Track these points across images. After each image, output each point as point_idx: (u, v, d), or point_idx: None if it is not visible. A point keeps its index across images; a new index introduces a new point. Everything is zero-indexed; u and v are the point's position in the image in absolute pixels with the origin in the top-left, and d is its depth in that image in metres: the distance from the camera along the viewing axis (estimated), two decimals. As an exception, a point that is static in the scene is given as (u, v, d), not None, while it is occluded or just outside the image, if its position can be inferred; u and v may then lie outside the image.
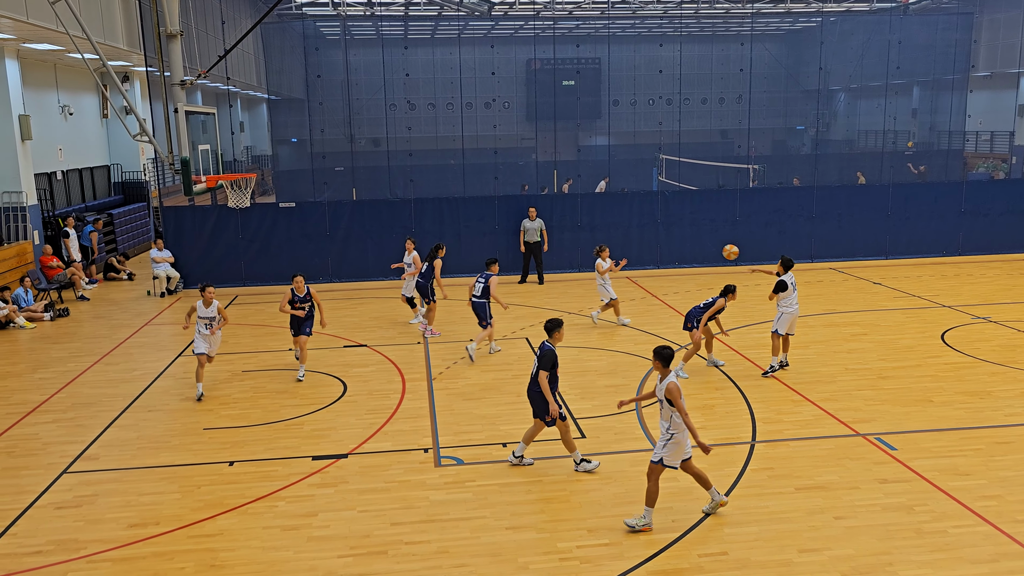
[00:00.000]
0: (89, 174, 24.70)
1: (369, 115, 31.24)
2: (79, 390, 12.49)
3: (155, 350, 14.67)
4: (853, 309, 16.53)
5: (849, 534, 7.75)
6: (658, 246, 20.94)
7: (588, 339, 14.57)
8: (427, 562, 7.43)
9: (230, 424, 10.87)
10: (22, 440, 10.53)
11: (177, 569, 7.39)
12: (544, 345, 9.06)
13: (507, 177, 26.96)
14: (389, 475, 9.18)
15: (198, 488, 8.97)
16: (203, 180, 14.14)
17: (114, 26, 19.67)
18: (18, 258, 18.17)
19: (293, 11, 30.46)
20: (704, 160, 30.06)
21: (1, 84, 18.14)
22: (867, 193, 22.15)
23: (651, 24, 36.94)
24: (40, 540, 7.93)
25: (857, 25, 32.29)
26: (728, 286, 12.38)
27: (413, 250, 15.71)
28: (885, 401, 11.23)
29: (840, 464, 9.24)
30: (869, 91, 33.26)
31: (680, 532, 7.81)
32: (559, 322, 9.14)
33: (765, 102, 34.04)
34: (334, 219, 20.09)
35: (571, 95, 32.29)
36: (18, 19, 14.76)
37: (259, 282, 19.85)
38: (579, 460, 9.18)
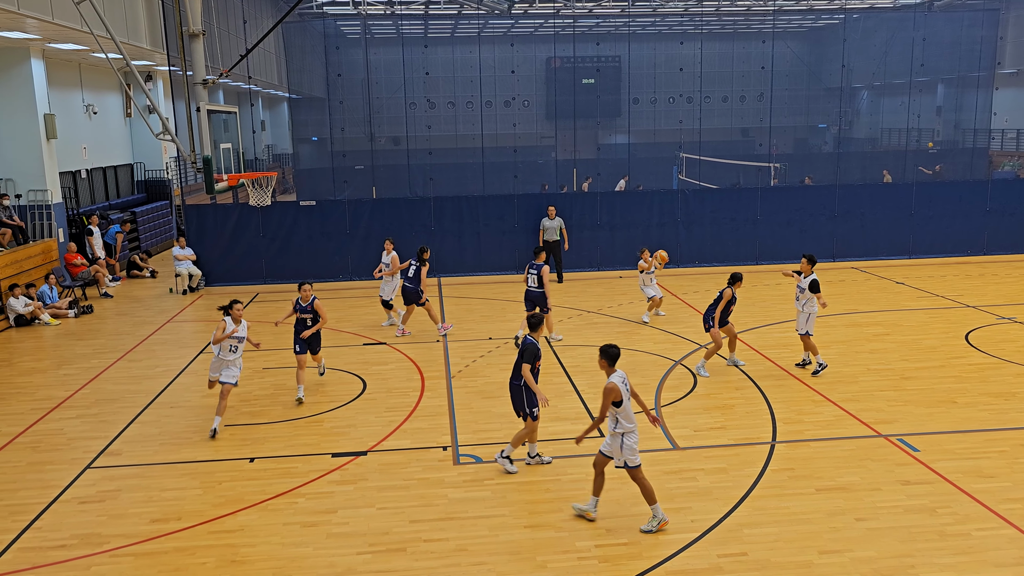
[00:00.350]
0: (113, 172, 24.96)
1: (389, 114, 31.38)
2: (102, 386, 12.63)
3: (177, 347, 14.81)
4: (875, 309, 16.38)
5: (871, 536, 7.69)
6: (678, 245, 20.85)
7: (608, 338, 14.53)
8: (445, 560, 7.45)
9: (250, 421, 10.95)
10: (47, 435, 10.66)
11: (198, 564, 7.46)
12: (527, 339, 9.10)
13: (526, 176, 26.95)
14: (408, 473, 9.21)
15: (219, 484, 9.04)
16: (225, 178, 14.25)
17: (138, 26, 19.87)
18: (43, 256, 18.40)
19: (314, 10, 30.63)
20: (724, 159, 29.89)
21: (27, 84, 18.37)
22: (890, 192, 21.94)
23: (672, 22, 36.81)
24: (64, 534, 8.03)
25: (880, 22, 31.99)
26: (734, 274, 12.39)
27: (392, 251, 15.40)
28: (908, 402, 11.12)
29: (862, 465, 9.16)
30: (892, 88, 32.93)
31: (699, 532, 7.78)
32: (541, 318, 9.30)
33: (787, 100, 33.82)
34: (354, 217, 20.18)
35: (591, 93, 32.25)
36: (43, 19, 14.94)
37: (279, 280, 19.97)
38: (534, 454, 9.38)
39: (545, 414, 10.86)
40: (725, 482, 8.79)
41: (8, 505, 8.66)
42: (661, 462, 9.33)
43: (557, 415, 10.88)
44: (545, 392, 11.71)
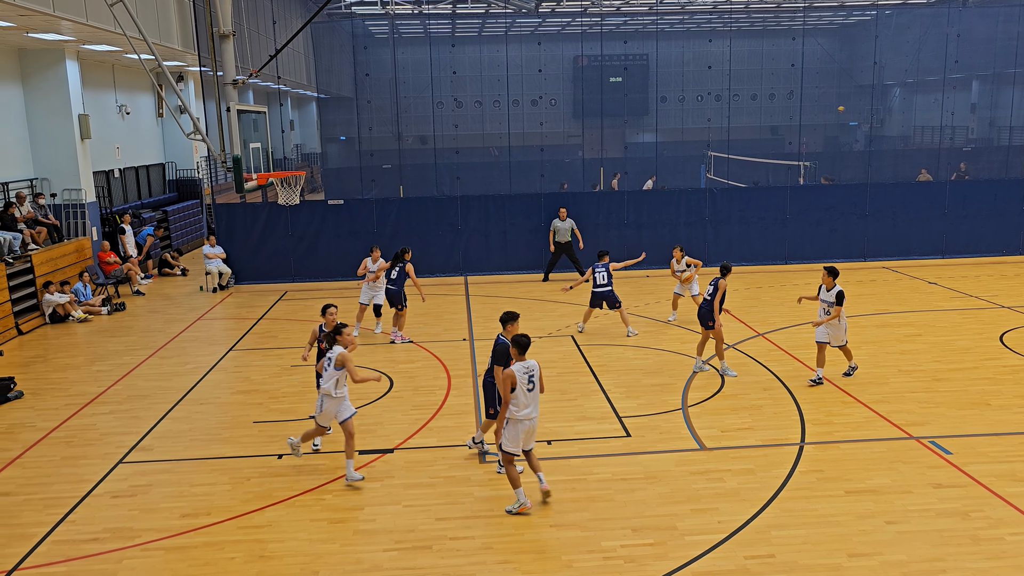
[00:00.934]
0: (145, 172, 25.32)
1: (416, 113, 31.47)
2: (134, 382, 12.82)
3: (207, 344, 14.99)
4: (907, 309, 16.15)
5: (901, 539, 7.58)
6: (705, 244, 20.70)
7: (635, 339, 14.47)
8: (471, 558, 7.46)
9: (279, 418, 11.05)
10: (80, 430, 10.84)
11: (227, 559, 7.55)
12: (498, 339, 9.06)
13: (553, 175, 26.90)
14: (434, 471, 9.24)
15: (248, 480, 9.14)
16: (254, 178, 14.38)
17: (169, 27, 20.13)
18: (77, 254, 18.71)
19: (342, 10, 30.81)
20: (753, 157, 29.62)
21: (62, 85, 18.68)
22: (923, 190, 21.62)
23: (700, 19, 36.55)
24: (96, 528, 8.16)
25: (913, 18, 31.51)
26: (724, 266, 12.34)
27: (379, 258, 14.93)
28: (940, 404, 10.95)
29: (892, 468, 9.04)
30: (926, 86, 32.41)
31: (726, 534, 7.73)
32: (515, 315, 9.06)
33: (817, 98, 33.37)
34: (381, 216, 20.29)
35: (618, 92, 32.10)
36: (78, 21, 15.18)
37: (308, 278, 20.15)
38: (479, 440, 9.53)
39: (571, 413, 10.86)
40: (753, 483, 8.72)
41: (43, 499, 8.82)
42: (688, 463, 9.28)
43: (583, 414, 10.86)
44: (572, 391, 11.72)
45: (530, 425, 8.18)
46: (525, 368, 8.11)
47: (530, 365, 8.16)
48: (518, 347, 8.18)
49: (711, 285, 12.27)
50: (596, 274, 14.58)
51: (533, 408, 8.15)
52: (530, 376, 8.12)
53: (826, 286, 11.67)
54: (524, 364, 8.13)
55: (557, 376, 12.41)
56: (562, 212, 19.41)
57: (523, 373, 8.07)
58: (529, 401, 8.11)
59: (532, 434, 8.28)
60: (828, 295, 11.63)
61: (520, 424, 8.11)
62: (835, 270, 11.66)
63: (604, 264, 14.67)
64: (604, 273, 14.58)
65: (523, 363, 8.14)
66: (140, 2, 17.47)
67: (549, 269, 19.74)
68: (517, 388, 8.04)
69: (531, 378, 8.12)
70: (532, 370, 8.15)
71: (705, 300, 12.26)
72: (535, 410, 8.17)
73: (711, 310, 12.07)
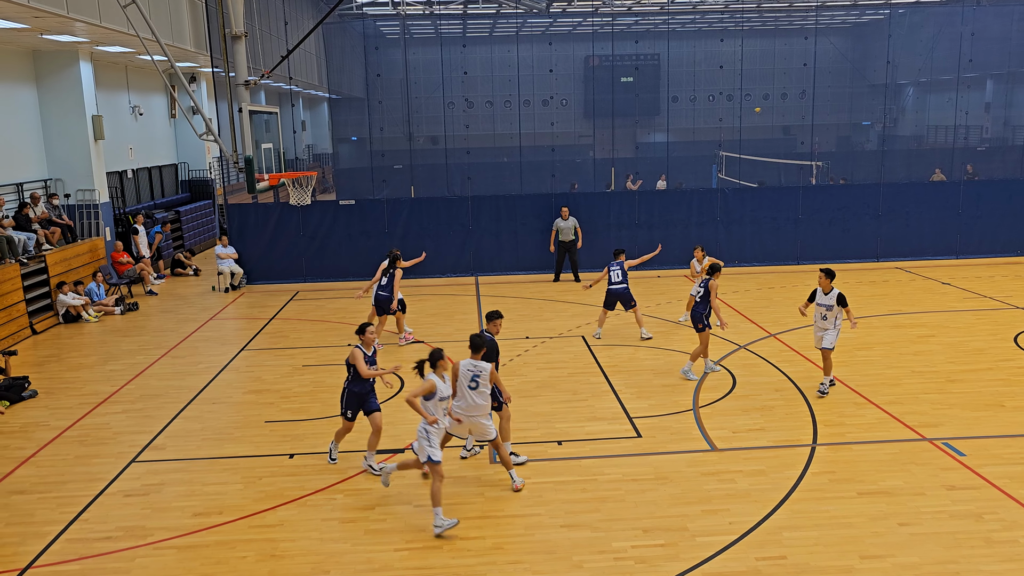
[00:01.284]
0: (158, 172, 25.46)
1: (428, 113, 31.52)
2: (147, 382, 12.89)
3: (219, 344, 15.05)
4: (920, 310, 16.05)
5: (914, 541, 7.54)
6: (717, 244, 20.65)
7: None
8: (482, 558, 7.47)
9: (291, 418, 11.09)
10: (94, 429, 10.91)
11: (239, 558, 7.58)
12: (485, 334, 9.32)
13: (564, 175, 26.88)
14: (445, 470, 9.23)
15: (259, 479, 9.17)
16: (266, 178, 14.43)
17: (182, 28, 20.23)
18: (91, 254, 18.82)
19: (354, 11, 30.88)
20: (765, 157, 29.51)
21: (76, 86, 18.81)
22: (937, 190, 21.49)
23: (712, 19, 36.45)
24: (110, 526, 8.21)
25: (927, 17, 31.31)
26: (713, 265, 12.27)
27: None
28: (953, 405, 10.88)
29: (905, 469, 8.98)
30: (939, 85, 32.22)
31: (737, 535, 7.70)
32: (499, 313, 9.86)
33: (829, 97, 33.22)
34: (393, 216, 20.33)
35: (629, 92, 32.07)
36: (92, 23, 15.28)
37: (319, 278, 20.21)
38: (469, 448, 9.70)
39: (582, 414, 10.84)
40: (764, 484, 8.69)
41: (56, 497, 8.89)
42: (699, 463, 9.26)
43: (594, 415, 10.85)
44: (583, 391, 11.71)
45: (467, 421, 8.60)
46: (472, 366, 8.52)
47: (480, 366, 8.55)
48: (471, 346, 8.61)
49: (700, 286, 12.19)
50: (611, 272, 14.49)
51: (472, 407, 8.54)
52: (474, 376, 8.50)
53: (823, 289, 11.14)
54: (473, 363, 8.56)
55: (568, 376, 12.40)
56: (564, 211, 19.39)
57: (467, 370, 8.51)
58: (468, 399, 8.52)
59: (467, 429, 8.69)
60: (827, 299, 11.10)
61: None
62: (831, 272, 11.17)
63: (619, 262, 14.57)
64: (619, 271, 14.46)
65: (472, 361, 8.57)
66: (153, 3, 17.57)
67: (559, 269, 19.72)
68: (458, 382, 8.51)
69: (475, 378, 8.50)
70: (480, 372, 8.51)
71: (696, 303, 12.16)
72: (475, 411, 8.55)
73: (703, 312, 12.01)
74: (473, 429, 8.75)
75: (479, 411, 8.60)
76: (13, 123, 17.95)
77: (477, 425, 8.68)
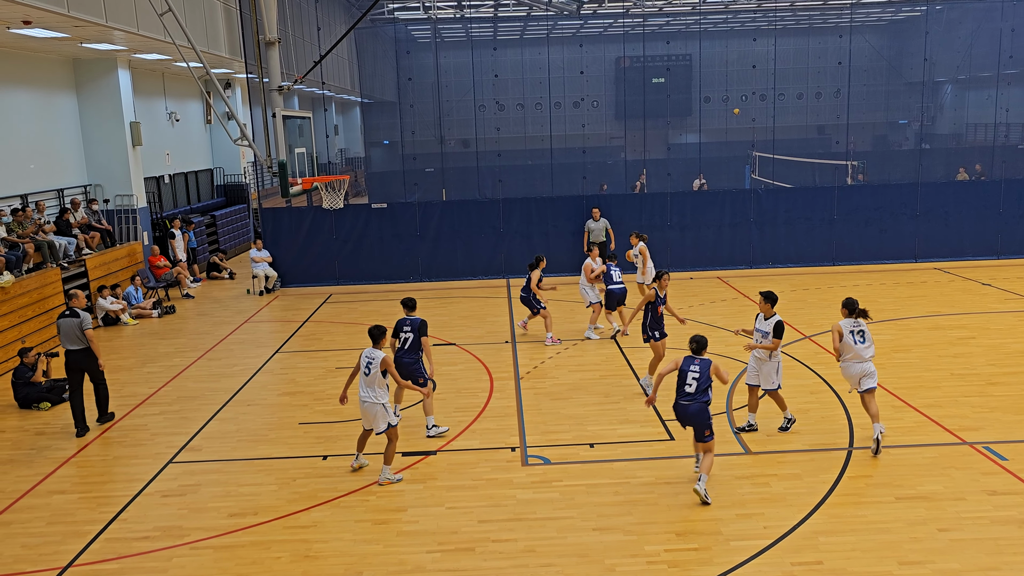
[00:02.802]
0: (194, 177, 25.83)
1: (459, 116, 31.57)
2: (184, 384, 13.08)
3: (254, 347, 15.23)
4: (960, 311, 15.74)
5: (954, 547, 7.39)
6: (751, 245, 20.46)
7: (679, 342, 14.33)
8: (514, 560, 7.46)
9: (324, 419, 11.18)
10: (132, 431, 11.09)
11: (273, 558, 7.65)
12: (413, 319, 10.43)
13: (595, 176, 26.78)
14: (477, 473, 9.27)
15: (293, 481, 9.26)
16: (299, 182, 14.58)
17: (217, 35, 20.52)
18: (129, 258, 19.15)
19: (385, 16, 31.10)
20: (799, 157, 29.16)
21: (115, 93, 19.17)
22: (977, 189, 21.08)
23: (744, 18, 36.13)
24: (147, 526, 8.34)
25: (965, 13, 30.70)
26: (658, 272, 11.75)
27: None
28: (994, 408, 10.65)
29: (945, 473, 8.81)
30: (978, 82, 31.58)
31: (772, 539, 7.61)
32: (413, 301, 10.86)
33: (865, 96, 32.77)
34: (424, 219, 20.43)
35: (661, 93, 31.85)
36: (130, 31, 15.57)
37: (352, 281, 20.36)
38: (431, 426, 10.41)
39: (614, 416, 10.79)
40: (799, 488, 8.58)
41: (96, 497, 9.05)
42: (733, 467, 9.17)
43: (626, 417, 10.79)
44: (615, 394, 11.65)
45: (360, 406, 9.06)
46: (368, 355, 8.93)
47: (372, 355, 8.93)
48: (372, 338, 9.05)
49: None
50: (612, 271, 14.50)
51: (364, 391, 8.95)
52: (368, 363, 8.90)
53: (764, 314, 9.75)
54: (369, 352, 8.97)
55: (600, 379, 12.36)
56: (595, 212, 19.32)
57: (364, 358, 8.94)
58: (362, 384, 8.98)
59: (364, 416, 9.09)
60: (766, 324, 9.72)
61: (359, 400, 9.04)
62: (772, 296, 9.75)
63: (614, 264, 14.71)
64: (619, 271, 14.58)
65: (369, 350, 8.98)
66: (189, 11, 17.84)
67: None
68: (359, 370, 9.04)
69: (368, 365, 8.90)
70: (372, 360, 8.90)
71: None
72: (366, 395, 8.93)
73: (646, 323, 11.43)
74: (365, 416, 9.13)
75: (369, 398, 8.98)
76: (54, 130, 18.34)
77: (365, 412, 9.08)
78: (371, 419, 9.03)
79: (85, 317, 10.78)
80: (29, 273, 15.25)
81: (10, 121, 16.67)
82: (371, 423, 9.07)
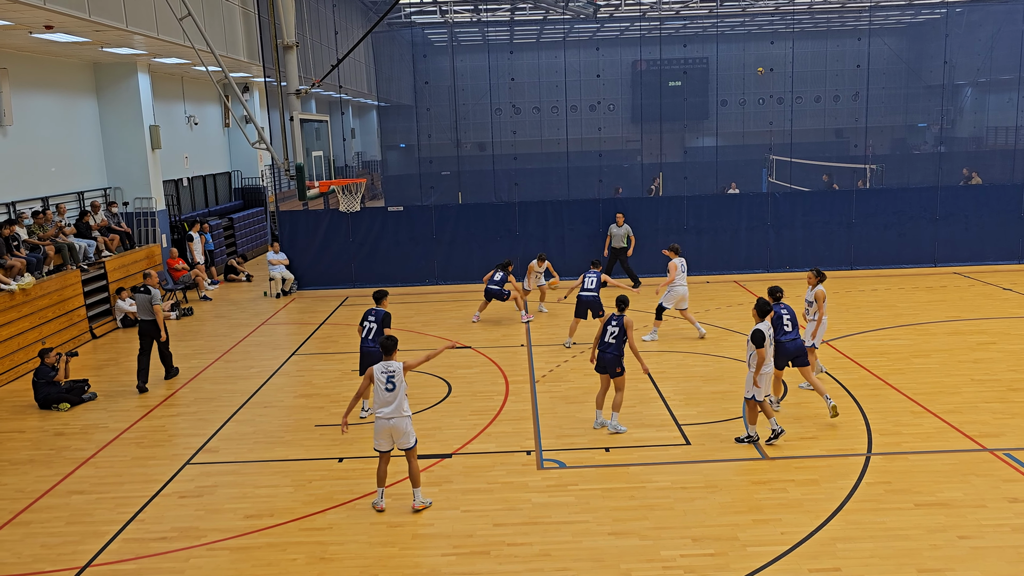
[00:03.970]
0: (212, 180, 26.02)
1: (475, 120, 31.64)
2: (201, 385, 13.16)
3: (271, 349, 15.30)
4: (980, 316, 15.58)
5: (975, 555, 7.30)
6: (767, 249, 20.34)
7: (694, 345, 14.29)
8: (529, 564, 7.45)
9: (340, 422, 11.18)
10: (150, 432, 11.17)
11: (289, 560, 7.67)
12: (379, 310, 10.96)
13: (611, 180, 26.76)
14: (492, 476, 9.26)
15: (309, 483, 9.29)
16: (316, 185, 14.65)
17: (235, 39, 20.67)
18: (148, 260, 19.31)
19: (402, 20, 31.21)
20: (817, 160, 29.00)
21: (134, 97, 19.35)
22: (998, 193, 20.86)
23: (762, 21, 35.97)
24: (165, 527, 8.39)
25: (986, 15, 30.44)
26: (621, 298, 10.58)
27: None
28: (1016, 414, 10.53)
29: (965, 480, 8.72)
30: (999, 85, 31.28)
31: (789, 545, 7.55)
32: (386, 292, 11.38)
33: (883, 99, 32.52)
34: (440, 222, 20.47)
35: (677, 96, 31.74)
36: (149, 35, 15.71)
37: (368, 283, 20.40)
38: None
39: (630, 420, 10.75)
40: (817, 494, 8.51)
41: (114, 498, 9.11)
42: (749, 472, 9.11)
43: (642, 421, 10.75)
44: (631, 397, 11.60)
45: (385, 425, 8.28)
46: (384, 369, 8.32)
47: (391, 367, 8.34)
48: (383, 348, 8.50)
49: (614, 324, 10.17)
50: (586, 279, 14.35)
51: (391, 409, 8.26)
52: (388, 377, 8.28)
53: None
54: (384, 365, 8.36)
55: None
56: (619, 218, 19.27)
57: (381, 373, 8.31)
58: (386, 401, 8.27)
59: (389, 435, 8.33)
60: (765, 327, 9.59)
61: (376, 423, 8.35)
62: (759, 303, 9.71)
63: (596, 272, 14.49)
64: (594, 279, 14.31)
65: (383, 364, 8.38)
66: (208, 16, 17.99)
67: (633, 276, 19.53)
68: (374, 386, 8.34)
69: (390, 379, 8.28)
70: (394, 372, 8.31)
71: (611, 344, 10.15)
72: (393, 411, 8.26)
73: (619, 355, 10.14)
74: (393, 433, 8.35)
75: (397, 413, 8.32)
76: (75, 134, 18.52)
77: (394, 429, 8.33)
78: (400, 435, 8.29)
79: (155, 294, 12.81)
80: (50, 275, 15.41)
81: (32, 125, 16.85)
82: (397, 440, 8.30)
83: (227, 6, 19.84)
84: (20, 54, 16.47)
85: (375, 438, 8.42)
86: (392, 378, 8.29)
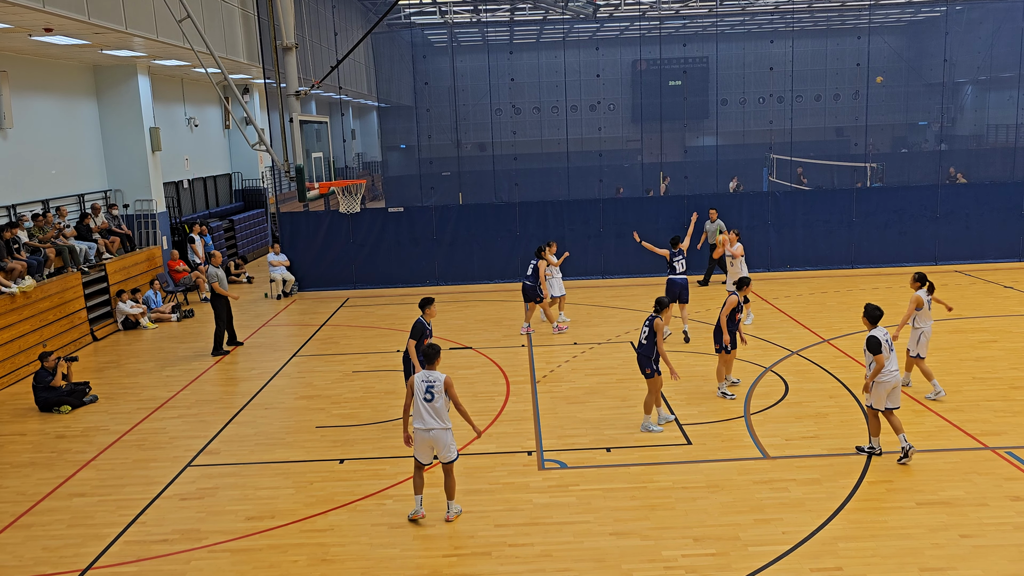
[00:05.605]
0: (212, 182, 26.02)
1: (475, 120, 31.64)
2: (202, 387, 13.16)
3: (271, 350, 15.30)
4: (981, 315, 15.57)
5: (977, 554, 7.29)
6: (768, 248, 20.33)
7: (696, 344, 14.28)
8: (530, 565, 7.44)
9: (341, 423, 11.21)
10: (151, 434, 11.17)
11: (291, 562, 7.67)
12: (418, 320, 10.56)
13: (611, 179, 26.75)
14: (493, 477, 9.25)
15: (310, 484, 9.28)
16: (316, 187, 14.65)
17: (235, 41, 20.67)
18: (148, 262, 19.31)
19: (402, 21, 31.22)
20: (818, 159, 28.99)
21: (134, 99, 19.35)
22: (998, 191, 20.83)
23: (761, 20, 35.98)
24: (166, 529, 8.39)
25: (986, 13, 30.44)
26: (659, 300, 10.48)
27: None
28: (1017, 413, 10.51)
29: (967, 479, 8.70)
30: (1000, 82, 31.28)
31: (791, 545, 7.54)
32: (431, 300, 10.92)
33: (884, 97, 32.53)
34: (441, 223, 20.47)
35: (678, 95, 31.73)
36: (149, 37, 15.72)
37: (369, 285, 20.44)
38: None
39: (631, 421, 10.75)
40: (818, 493, 8.50)
41: (116, 500, 9.11)
42: (750, 471, 9.10)
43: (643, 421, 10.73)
44: (632, 398, 11.60)
45: (425, 436, 8.02)
46: (424, 378, 8.07)
47: (432, 376, 8.07)
48: (424, 357, 8.29)
49: (646, 326, 10.25)
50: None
51: (430, 419, 7.98)
52: (428, 387, 8.02)
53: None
54: (425, 374, 8.12)
55: (617, 383, 12.32)
56: (712, 213, 19.09)
57: (422, 382, 8.07)
58: (424, 412, 8.01)
59: (429, 447, 8.07)
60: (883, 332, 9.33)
61: (416, 433, 8.11)
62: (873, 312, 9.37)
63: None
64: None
65: (424, 373, 8.14)
66: (207, 17, 17.99)
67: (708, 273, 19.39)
68: (414, 397, 8.09)
69: (429, 389, 8.01)
70: (434, 382, 8.03)
71: (642, 345, 10.23)
72: (433, 422, 7.98)
73: (650, 356, 10.14)
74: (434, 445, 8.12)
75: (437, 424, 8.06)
76: (75, 136, 18.53)
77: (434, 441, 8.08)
78: (442, 447, 8.04)
79: (216, 273, 14.69)
80: (50, 278, 15.41)
81: (32, 127, 16.86)
82: (439, 452, 8.08)
83: (226, 8, 19.85)
84: (20, 57, 16.49)
85: (415, 449, 8.16)
86: (432, 388, 8.01)
